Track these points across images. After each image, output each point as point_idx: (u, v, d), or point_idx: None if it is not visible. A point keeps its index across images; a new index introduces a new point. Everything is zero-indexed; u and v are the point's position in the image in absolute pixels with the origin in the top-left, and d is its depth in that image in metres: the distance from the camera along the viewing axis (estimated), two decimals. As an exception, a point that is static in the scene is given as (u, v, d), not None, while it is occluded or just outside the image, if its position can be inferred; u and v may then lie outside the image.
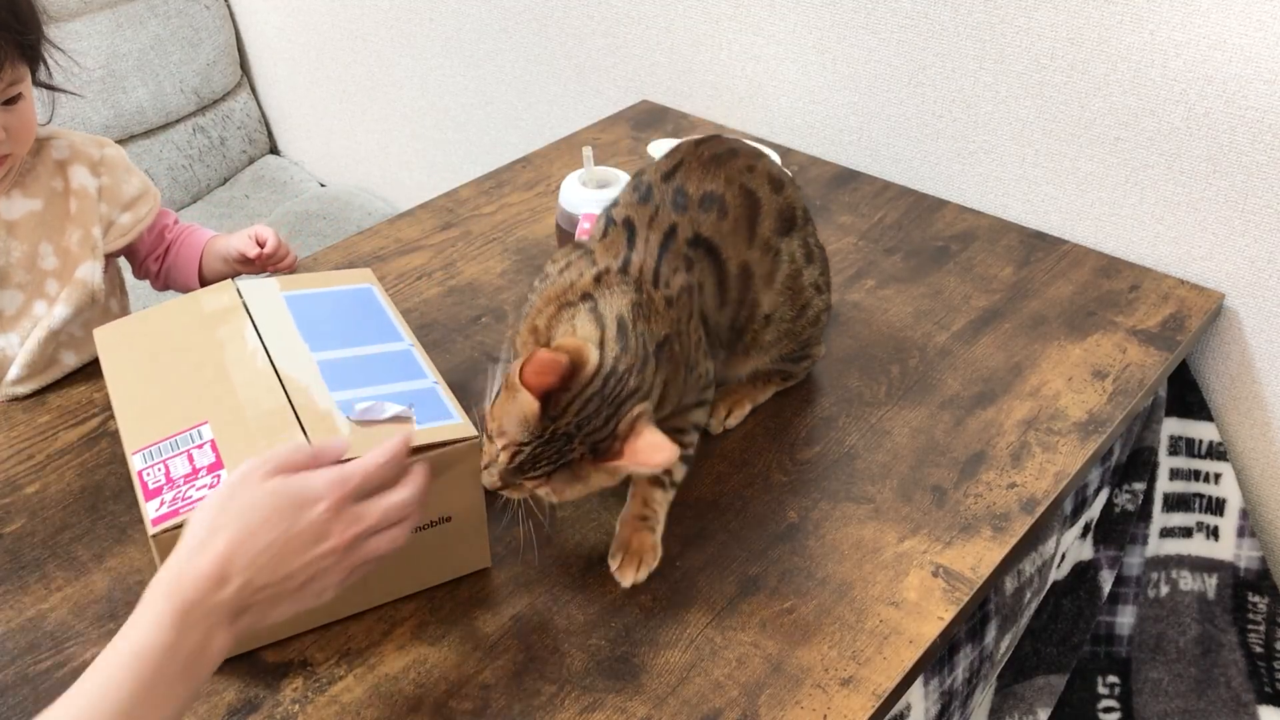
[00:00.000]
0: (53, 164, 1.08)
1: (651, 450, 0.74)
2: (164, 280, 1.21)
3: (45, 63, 1.06)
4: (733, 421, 1.01)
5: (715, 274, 0.89)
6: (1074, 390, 1.05)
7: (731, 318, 0.92)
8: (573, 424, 0.75)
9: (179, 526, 0.71)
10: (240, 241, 1.16)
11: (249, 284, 0.95)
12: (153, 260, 1.19)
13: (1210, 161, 1.15)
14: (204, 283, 1.18)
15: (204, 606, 0.62)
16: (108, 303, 1.14)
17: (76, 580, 0.86)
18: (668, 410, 0.84)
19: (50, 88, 1.09)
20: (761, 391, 1.03)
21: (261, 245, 1.16)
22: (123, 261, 1.20)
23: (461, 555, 0.85)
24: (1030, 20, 1.21)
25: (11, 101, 0.99)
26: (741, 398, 1.02)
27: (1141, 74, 1.15)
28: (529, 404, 0.75)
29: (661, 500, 0.88)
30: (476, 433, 0.79)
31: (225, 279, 0.97)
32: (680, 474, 0.90)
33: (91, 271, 1.07)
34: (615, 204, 0.93)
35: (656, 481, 0.88)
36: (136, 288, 1.25)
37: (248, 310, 0.91)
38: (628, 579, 0.85)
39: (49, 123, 1.11)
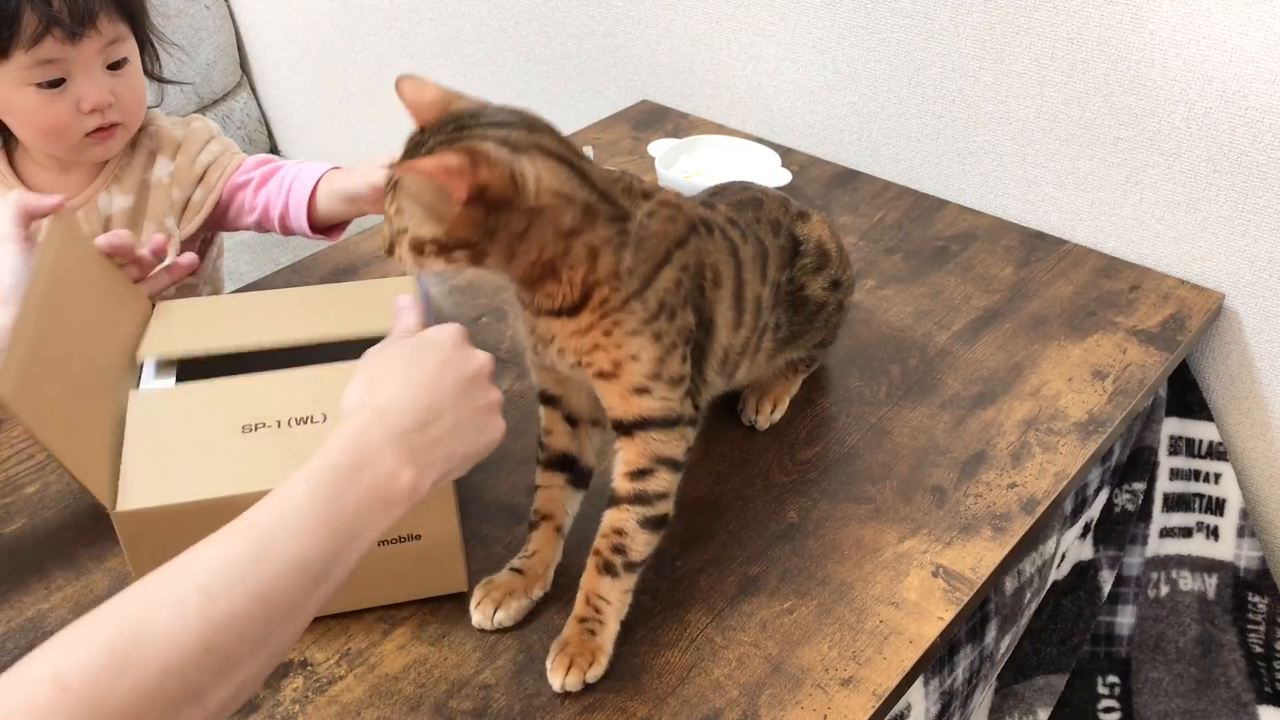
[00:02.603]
0: (145, 154, 1.10)
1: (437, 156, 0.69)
2: (284, 228, 1.14)
3: (154, 49, 1.09)
4: (777, 416, 1.01)
5: (737, 289, 0.85)
6: (1074, 390, 1.05)
7: (744, 341, 0.89)
8: (434, 132, 0.74)
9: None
10: (360, 180, 1.06)
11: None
12: (252, 217, 1.14)
13: (1210, 161, 1.15)
14: (315, 225, 1.11)
15: (377, 434, 0.62)
16: (199, 289, 1.15)
17: (76, 580, 0.86)
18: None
19: (155, 78, 1.11)
20: (794, 382, 1.04)
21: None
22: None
23: (433, 576, 0.83)
24: (1030, 20, 1.21)
25: (118, 66, 1.02)
26: (781, 391, 1.02)
27: (1141, 74, 1.15)
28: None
29: (609, 592, 0.79)
30: None
31: (347, 219, 1.02)
32: (641, 549, 0.79)
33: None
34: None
35: (604, 567, 0.79)
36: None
37: None
38: (556, 681, 0.77)
39: (158, 106, 1.13)
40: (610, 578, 0.79)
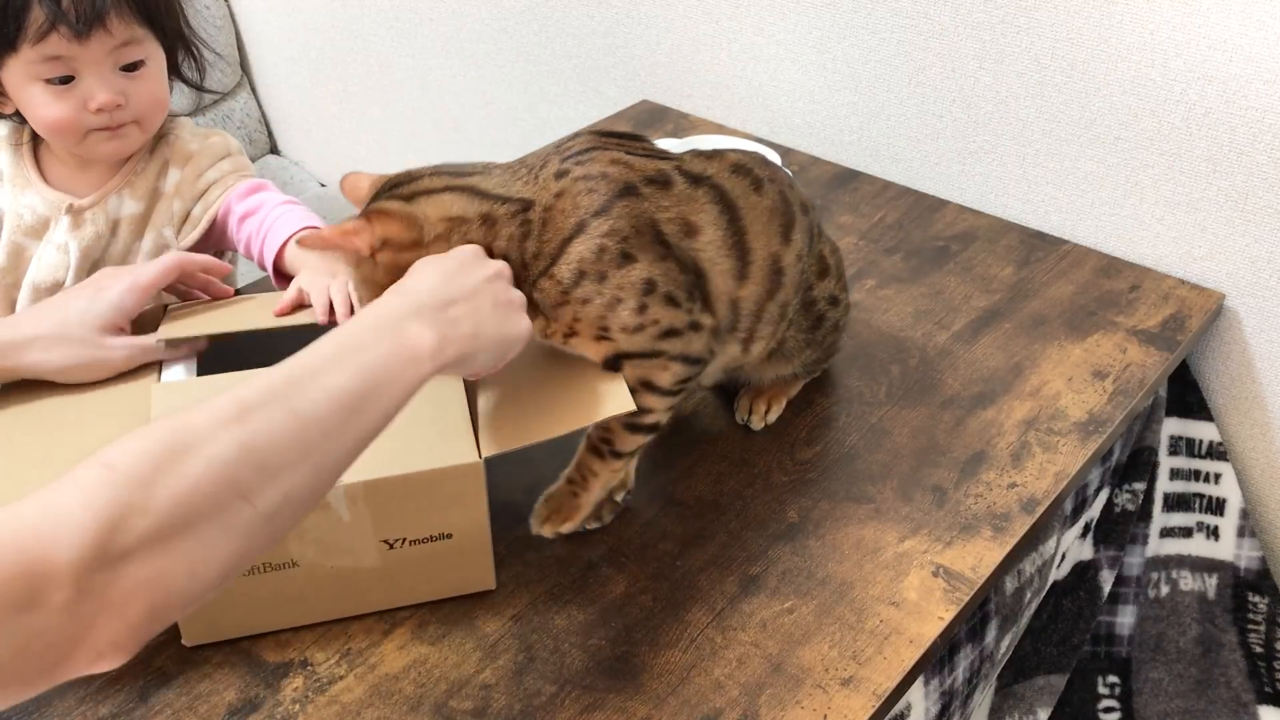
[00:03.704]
0: (161, 164, 1.10)
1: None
2: (261, 267, 1.11)
3: (192, 54, 1.09)
4: (772, 417, 1.01)
5: (734, 239, 0.85)
6: (1074, 390, 1.05)
7: (758, 301, 0.88)
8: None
9: None
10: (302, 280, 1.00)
11: None
12: (240, 248, 1.12)
13: (1210, 161, 1.15)
14: (281, 276, 1.07)
15: (399, 306, 0.68)
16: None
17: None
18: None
19: (193, 85, 1.10)
20: (793, 385, 1.04)
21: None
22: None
23: (462, 575, 0.84)
24: (1030, 20, 1.21)
25: (133, 68, 1.01)
26: (778, 393, 1.02)
27: (1141, 74, 1.15)
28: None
29: (596, 467, 0.86)
30: (477, 449, 0.79)
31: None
32: (626, 445, 0.85)
33: None
34: None
35: (592, 446, 0.86)
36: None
37: None
38: (535, 525, 0.88)
39: (192, 114, 1.12)
40: (599, 458, 0.86)
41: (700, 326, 0.84)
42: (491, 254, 0.79)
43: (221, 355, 0.94)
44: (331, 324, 0.93)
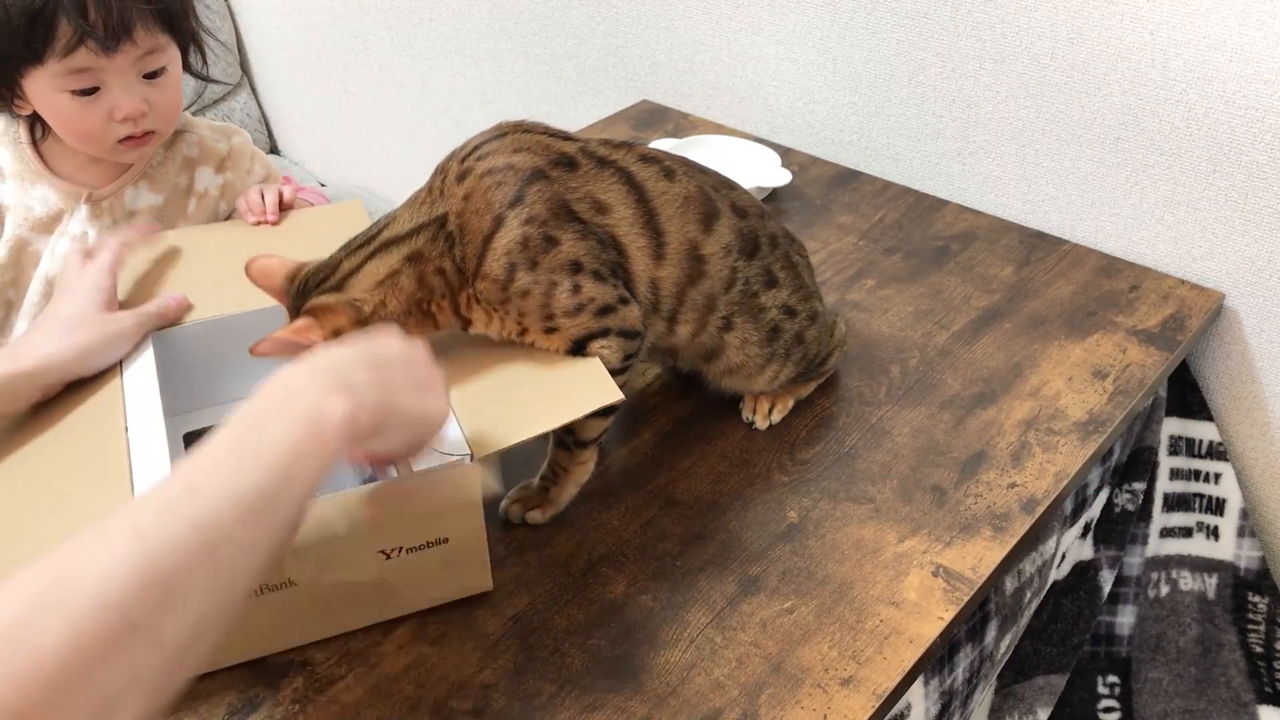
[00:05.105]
0: (181, 160, 1.11)
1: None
2: None
3: (200, 49, 1.09)
4: (776, 416, 1.01)
5: (645, 219, 0.86)
6: (1074, 390, 1.05)
7: (677, 284, 0.89)
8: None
9: None
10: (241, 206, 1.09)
11: None
12: None
13: (1210, 161, 1.15)
14: None
15: (300, 376, 0.61)
16: None
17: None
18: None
19: (201, 77, 1.11)
20: (802, 386, 1.03)
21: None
22: None
23: (460, 578, 0.84)
24: (1030, 20, 1.21)
25: (155, 75, 1.02)
26: (783, 393, 1.02)
27: (1141, 74, 1.15)
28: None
29: (564, 460, 0.90)
30: (469, 451, 0.78)
31: None
32: (588, 431, 0.88)
33: None
34: None
35: (558, 441, 0.90)
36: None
37: None
38: (503, 506, 0.92)
39: (192, 106, 1.13)
40: (565, 450, 0.90)
41: (628, 300, 0.87)
42: (428, 280, 0.82)
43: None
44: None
